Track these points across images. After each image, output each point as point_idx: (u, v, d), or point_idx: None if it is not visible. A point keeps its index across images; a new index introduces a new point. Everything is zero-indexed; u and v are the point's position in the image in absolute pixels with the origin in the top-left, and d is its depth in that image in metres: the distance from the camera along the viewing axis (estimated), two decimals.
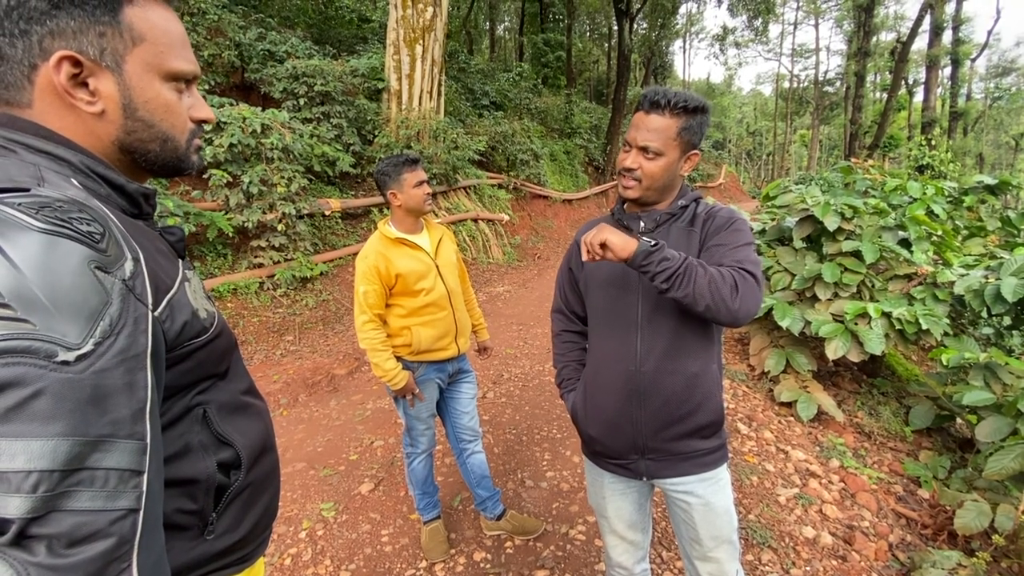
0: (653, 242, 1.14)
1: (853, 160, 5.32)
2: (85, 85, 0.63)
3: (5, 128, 0.61)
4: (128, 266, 0.56)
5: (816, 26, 37.06)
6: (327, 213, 6.20)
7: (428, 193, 2.01)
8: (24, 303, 0.47)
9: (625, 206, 1.42)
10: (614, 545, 1.53)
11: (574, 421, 1.49)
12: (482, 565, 2.23)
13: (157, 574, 0.55)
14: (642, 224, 1.35)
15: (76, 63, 0.61)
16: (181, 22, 0.72)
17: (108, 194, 0.65)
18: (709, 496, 1.35)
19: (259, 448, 0.79)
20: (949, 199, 4.24)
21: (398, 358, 2.04)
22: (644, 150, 1.25)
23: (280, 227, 5.35)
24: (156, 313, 0.60)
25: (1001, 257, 3.26)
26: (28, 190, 0.53)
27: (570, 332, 1.57)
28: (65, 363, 0.48)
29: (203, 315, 0.70)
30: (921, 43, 23.54)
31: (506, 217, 9.59)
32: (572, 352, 1.56)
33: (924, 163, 12.99)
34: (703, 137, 1.31)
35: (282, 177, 5.33)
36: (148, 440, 0.55)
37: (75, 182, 0.60)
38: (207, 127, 0.69)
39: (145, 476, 0.54)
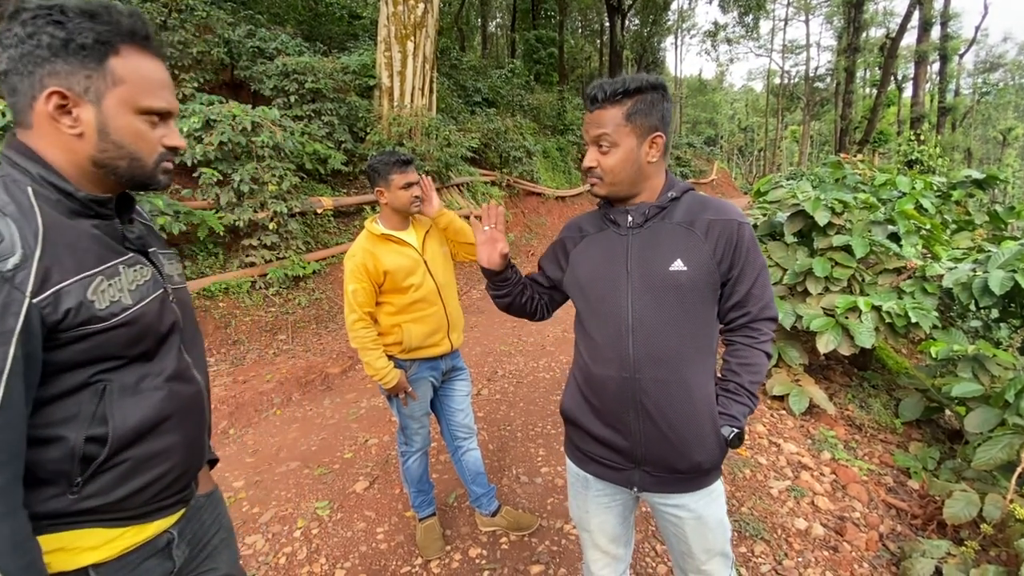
0: (733, 430, 1.24)
1: (843, 155, 5.36)
2: (70, 113, 0.81)
3: (8, 147, 0.82)
4: (12, 260, 0.72)
5: (806, 22, 37.32)
6: (319, 211, 6.16)
7: (416, 196, 1.98)
8: None
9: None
10: (595, 559, 1.47)
11: (563, 415, 1.41)
12: (477, 561, 2.24)
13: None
14: (630, 219, 1.26)
15: (63, 96, 0.80)
16: (166, 70, 0.89)
17: (58, 199, 0.81)
18: (701, 509, 1.28)
19: (143, 428, 0.87)
20: (937, 194, 4.28)
21: (390, 356, 2.03)
22: (599, 145, 1.21)
23: (272, 226, 5.32)
24: (35, 300, 0.73)
25: (988, 251, 3.29)
26: None
27: (531, 280, 1.52)
28: None
29: (102, 305, 0.81)
30: (910, 39, 23.78)
31: None
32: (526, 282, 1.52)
33: (913, 158, 13.10)
34: (665, 116, 1.21)
35: (273, 175, 5.29)
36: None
37: (29, 189, 0.79)
38: (180, 152, 0.88)
39: None
